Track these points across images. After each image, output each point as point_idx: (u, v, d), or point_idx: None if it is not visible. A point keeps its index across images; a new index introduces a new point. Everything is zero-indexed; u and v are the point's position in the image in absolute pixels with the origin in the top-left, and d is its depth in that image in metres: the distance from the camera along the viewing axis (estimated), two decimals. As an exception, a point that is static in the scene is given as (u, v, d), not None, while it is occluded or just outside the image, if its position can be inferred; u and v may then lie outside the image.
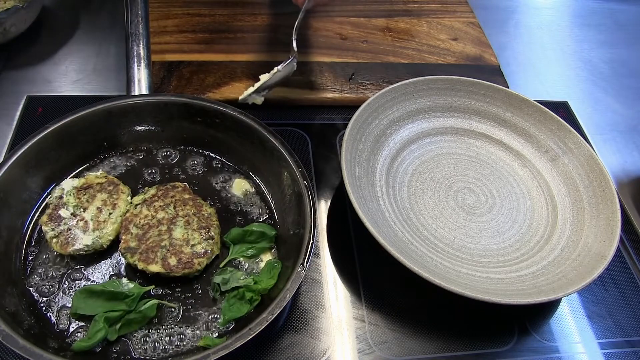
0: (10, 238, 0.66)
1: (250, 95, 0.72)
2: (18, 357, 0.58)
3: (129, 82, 0.79)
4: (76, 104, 0.74)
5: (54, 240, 0.66)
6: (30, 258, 0.66)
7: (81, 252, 0.66)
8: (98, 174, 0.73)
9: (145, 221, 0.68)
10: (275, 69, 0.73)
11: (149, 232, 0.67)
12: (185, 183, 0.75)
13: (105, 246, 0.67)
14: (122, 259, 0.67)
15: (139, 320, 0.61)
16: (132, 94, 0.78)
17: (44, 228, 0.66)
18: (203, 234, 0.68)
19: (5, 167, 0.65)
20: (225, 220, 0.73)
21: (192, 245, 0.67)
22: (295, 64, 0.71)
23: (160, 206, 0.70)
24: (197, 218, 0.70)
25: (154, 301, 0.62)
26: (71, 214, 0.68)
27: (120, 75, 0.84)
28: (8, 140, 0.82)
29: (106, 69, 0.95)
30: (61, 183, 0.71)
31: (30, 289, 0.64)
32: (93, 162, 0.77)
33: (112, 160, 0.78)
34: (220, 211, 0.74)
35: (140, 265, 0.64)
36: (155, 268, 0.64)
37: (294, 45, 0.72)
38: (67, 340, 0.60)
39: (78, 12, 1.06)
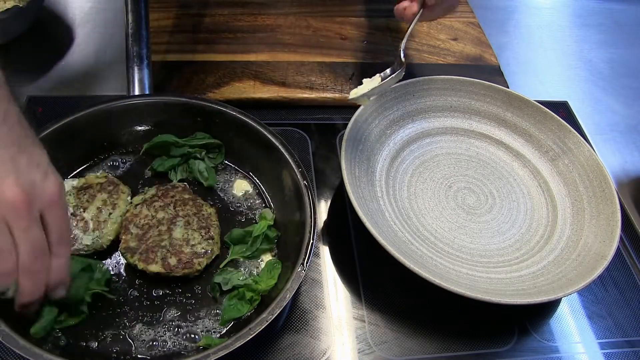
0: (10, 238, 0.65)
1: (361, 96, 0.73)
2: (18, 357, 0.58)
3: (129, 82, 0.79)
4: (76, 104, 0.74)
5: (54, 240, 0.65)
6: (30, 258, 0.66)
7: (81, 252, 0.66)
8: (98, 174, 0.73)
9: (145, 221, 0.68)
10: (378, 75, 0.74)
11: (149, 232, 0.67)
12: (185, 183, 0.75)
13: (105, 246, 0.67)
14: (122, 259, 0.67)
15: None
16: (132, 94, 0.78)
17: (44, 228, 0.66)
18: (203, 234, 0.68)
19: (5, 167, 0.65)
20: (225, 220, 0.73)
21: (192, 245, 0.67)
22: (403, 73, 0.73)
23: (160, 206, 0.70)
24: (197, 218, 0.70)
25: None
26: (71, 214, 0.68)
27: (120, 75, 0.84)
28: (8, 140, 0.81)
29: (106, 69, 0.95)
30: (61, 183, 0.71)
31: (30, 289, 0.64)
32: (93, 162, 0.77)
33: (112, 160, 0.77)
34: (220, 211, 0.73)
35: (140, 265, 0.64)
36: (155, 268, 0.64)
37: (402, 56, 0.74)
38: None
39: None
